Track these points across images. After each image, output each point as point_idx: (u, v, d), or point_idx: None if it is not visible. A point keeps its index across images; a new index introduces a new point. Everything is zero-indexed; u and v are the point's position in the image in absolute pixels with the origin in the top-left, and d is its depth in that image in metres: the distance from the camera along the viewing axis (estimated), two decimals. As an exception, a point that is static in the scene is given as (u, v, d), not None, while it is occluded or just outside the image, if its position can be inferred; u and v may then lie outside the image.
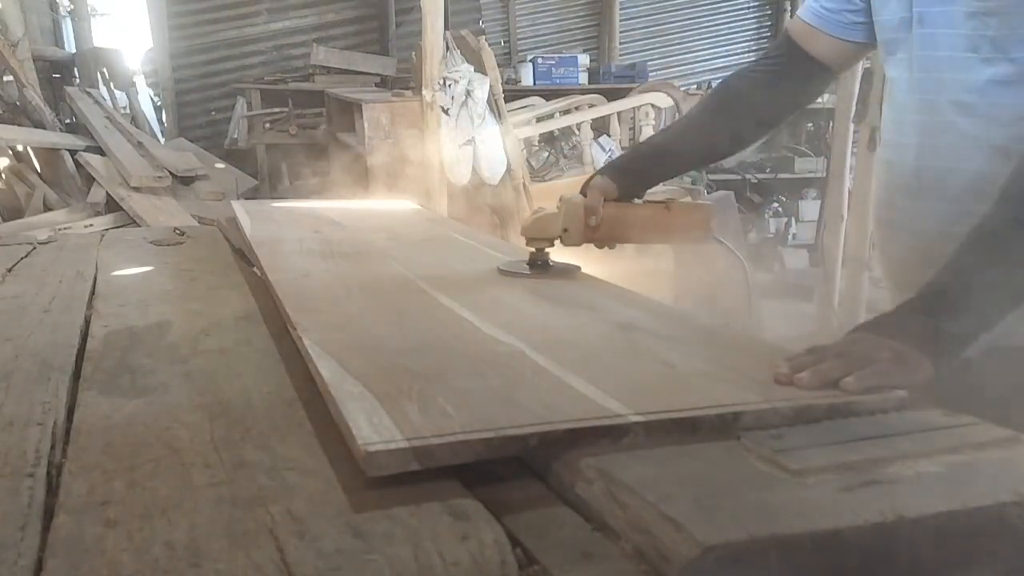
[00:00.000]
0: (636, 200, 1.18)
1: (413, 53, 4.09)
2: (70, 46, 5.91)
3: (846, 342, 0.79)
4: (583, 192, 1.15)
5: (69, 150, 4.40)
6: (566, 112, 4.30)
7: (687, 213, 1.17)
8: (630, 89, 4.97)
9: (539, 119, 4.29)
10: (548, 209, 1.16)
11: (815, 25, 1.14)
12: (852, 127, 3.62)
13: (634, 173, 1.18)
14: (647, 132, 4.25)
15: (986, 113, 0.97)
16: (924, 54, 1.01)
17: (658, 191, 1.21)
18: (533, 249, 1.18)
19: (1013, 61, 0.93)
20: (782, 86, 1.18)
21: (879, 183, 1.17)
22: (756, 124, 1.23)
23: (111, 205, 3.94)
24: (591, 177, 1.16)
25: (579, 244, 1.14)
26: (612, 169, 1.19)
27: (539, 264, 1.18)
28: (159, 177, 4.08)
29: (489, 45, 3.75)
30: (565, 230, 1.13)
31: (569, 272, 1.19)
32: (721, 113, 1.21)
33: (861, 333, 0.80)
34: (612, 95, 4.69)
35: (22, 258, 1.49)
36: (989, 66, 0.95)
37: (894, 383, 0.73)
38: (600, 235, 1.14)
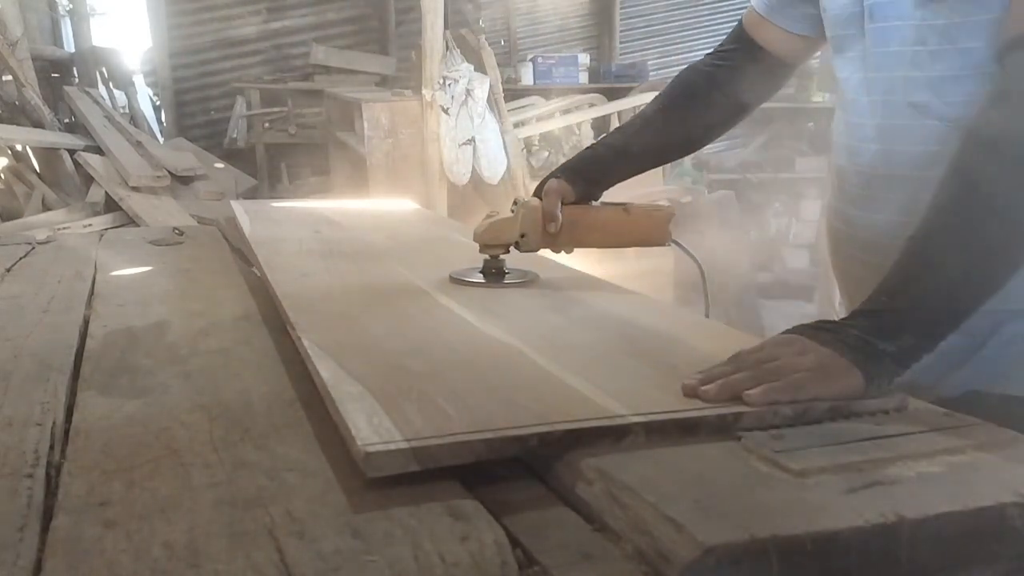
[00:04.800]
0: (593, 202, 1.13)
1: (413, 53, 4.09)
2: (69, 45, 5.90)
3: (771, 344, 0.76)
4: (537, 195, 1.10)
5: (68, 150, 4.40)
6: (566, 112, 4.30)
7: (647, 215, 1.13)
8: (630, 89, 4.97)
9: (539, 119, 4.29)
10: (502, 212, 1.11)
11: (765, 15, 1.10)
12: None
13: (591, 175, 1.13)
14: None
15: (941, 114, 0.90)
16: (877, 51, 0.95)
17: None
18: (487, 256, 1.12)
19: (962, 52, 0.87)
20: (737, 81, 1.13)
21: (831, 190, 1.10)
22: (712, 123, 1.18)
23: (110, 205, 3.94)
24: (546, 179, 1.12)
25: (536, 250, 1.10)
26: (568, 171, 1.13)
27: (493, 272, 1.12)
28: (158, 177, 4.08)
29: (489, 45, 3.75)
30: (523, 235, 1.08)
31: (527, 281, 1.13)
32: (677, 111, 1.17)
33: (793, 335, 0.76)
34: (612, 95, 4.70)
35: (21, 258, 1.49)
36: (938, 60, 0.89)
37: (808, 396, 0.69)
38: (558, 240, 1.10)
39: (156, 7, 5.65)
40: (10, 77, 4.58)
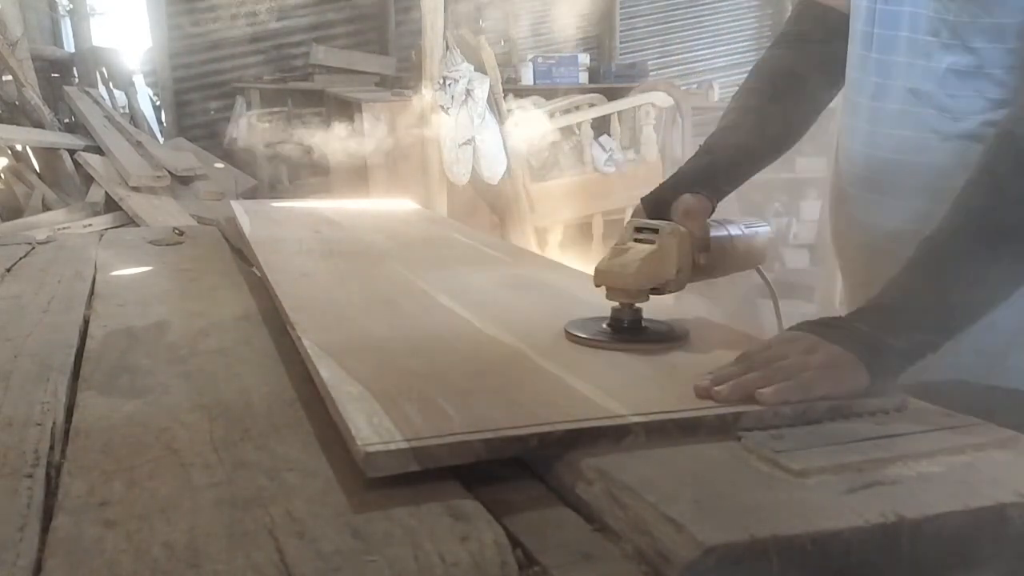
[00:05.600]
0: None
1: (413, 53, 4.09)
2: (69, 45, 5.90)
3: (779, 343, 0.75)
4: (658, 214, 0.91)
5: (68, 150, 4.41)
6: (566, 112, 4.30)
7: (757, 235, 0.99)
8: (630, 89, 4.97)
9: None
10: (631, 244, 0.87)
11: None
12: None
13: (720, 185, 0.96)
14: (647, 132, 4.25)
15: (942, 104, 0.91)
16: (884, 33, 0.94)
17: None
18: (616, 304, 0.87)
19: (972, 51, 0.88)
20: (823, 52, 1.04)
21: (835, 171, 1.08)
22: (819, 102, 1.08)
23: (110, 205, 3.94)
24: (660, 191, 0.93)
25: (683, 288, 0.89)
26: (700, 183, 0.94)
27: (627, 326, 0.87)
28: (158, 177, 4.08)
29: (489, 45, 3.76)
30: (678, 271, 0.86)
31: (684, 333, 0.88)
32: (787, 98, 1.05)
33: (801, 332, 0.76)
34: (612, 95, 4.69)
35: (21, 258, 1.48)
36: (949, 53, 0.89)
37: (819, 394, 0.69)
38: (704, 273, 0.90)
39: (156, 7, 5.65)
40: (10, 77, 4.58)
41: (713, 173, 0.97)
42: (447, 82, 3.43)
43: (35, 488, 0.60)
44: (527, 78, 5.63)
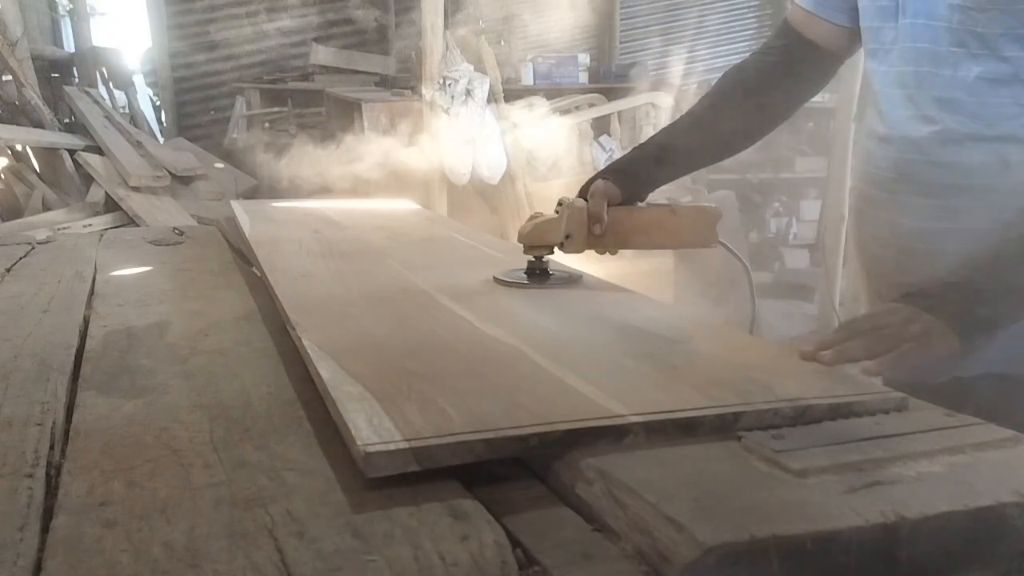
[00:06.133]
0: (639, 203, 1.13)
1: (413, 53, 4.09)
2: (69, 45, 5.90)
3: (881, 315, 0.84)
4: (582, 195, 1.10)
5: (68, 150, 4.41)
6: (566, 112, 4.30)
7: (693, 216, 1.13)
8: (630, 89, 4.97)
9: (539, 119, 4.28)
10: (546, 213, 1.12)
11: (811, 10, 1.10)
12: (853, 126, 3.62)
13: (638, 175, 1.13)
14: (647, 132, 4.25)
15: (973, 111, 0.93)
16: (908, 46, 0.97)
17: (663, 190, 1.18)
18: (531, 257, 1.13)
19: (1005, 60, 0.90)
20: (789, 76, 1.14)
21: (857, 172, 1.13)
22: (766, 118, 1.17)
23: (110, 205, 3.94)
24: (592, 179, 1.11)
25: (581, 251, 1.10)
26: (615, 172, 1.12)
27: (538, 273, 1.13)
28: (158, 177, 4.08)
29: (489, 45, 3.75)
30: (567, 236, 1.08)
31: (571, 281, 1.14)
32: (729, 108, 1.15)
33: (899, 304, 0.84)
34: (612, 95, 4.69)
35: (21, 258, 1.49)
36: (978, 63, 0.91)
37: (915, 363, 0.78)
38: (603, 241, 1.09)
39: (156, 7, 5.65)
40: (10, 77, 4.58)
41: (635, 165, 1.14)
42: (447, 82, 3.43)
43: (35, 488, 0.60)
44: (527, 78, 5.63)
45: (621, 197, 1.10)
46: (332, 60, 5.62)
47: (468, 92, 3.45)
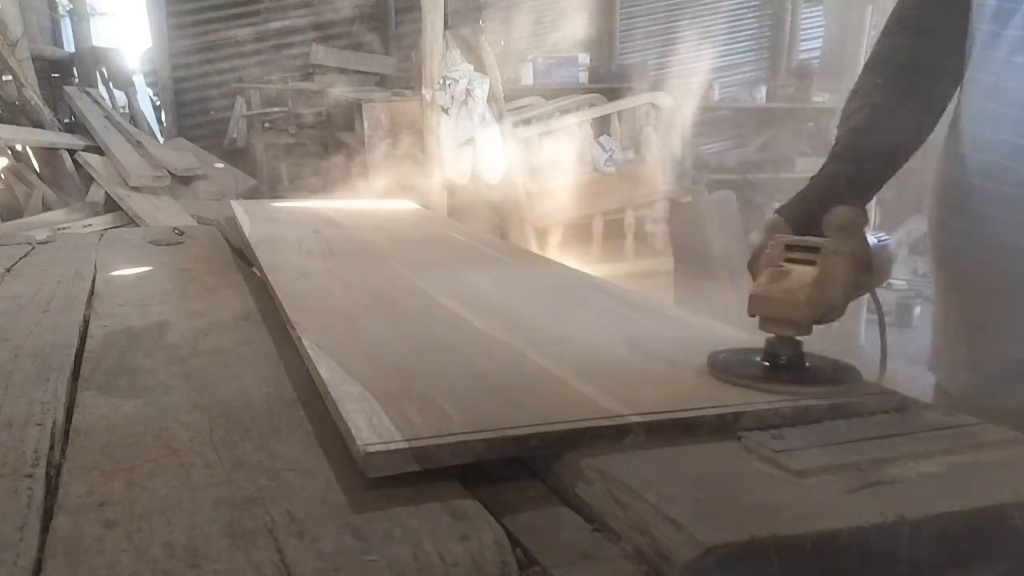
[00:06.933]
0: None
1: (413, 53, 4.09)
2: (69, 45, 5.91)
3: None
4: (806, 230, 0.81)
5: (68, 150, 4.41)
6: (566, 112, 4.30)
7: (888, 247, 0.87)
8: (630, 89, 4.97)
9: (539, 119, 4.29)
10: (786, 265, 0.75)
11: None
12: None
13: (865, 192, 0.89)
14: (648, 132, 4.25)
15: None
16: (1018, 60, 0.84)
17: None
18: (772, 336, 0.76)
19: None
20: (943, 42, 0.95)
21: (950, 185, 0.97)
22: (941, 97, 0.98)
23: (110, 205, 3.94)
24: (823, 206, 0.82)
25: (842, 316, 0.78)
26: (853, 193, 0.85)
27: (784, 362, 0.75)
28: (158, 177, 4.08)
29: (489, 45, 3.76)
30: (845, 296, 0.76)
31: (854, 373, 0.76)
32: (909, 95, 0.96)
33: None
34: (612, 95, 4.69)
35: (21, 258, 1.49)
36: None
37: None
38: (858, 293, 0.81)
39: (156, 7, 5.65)
40: (10, 77, 4.58)
41: (861, 180, 0.88)
42: (447, 82, 3.43)
43: (35, 488, 0.60)
44: (527, 78, 5.63)
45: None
46: (332, 60, 5.62)
47: (468, 92, 3.45)
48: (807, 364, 0.75)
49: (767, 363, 0.75)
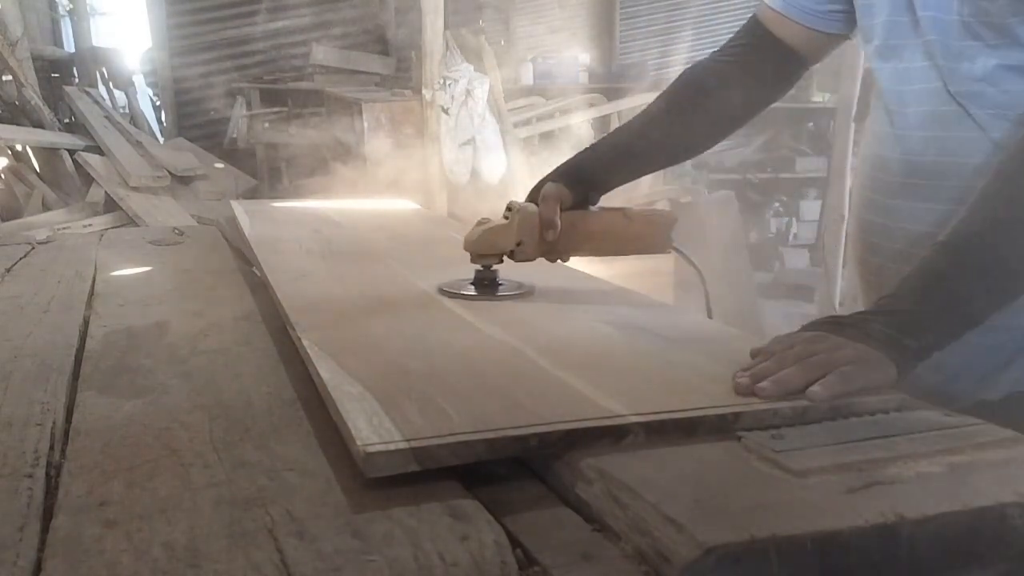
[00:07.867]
0: (591, 207, 1.06)
1: (413, 53, 4.09)
2: (69, 45, 5.90)
3: (805, 342, 0.75)
4: (533, 199, 1.03)
5: (68, 150, 4.41)
6: (566, 112, 4.30)
7: (647, 221, 1.08)
8: (630, 89, 4.97)
9: (539, 119, 4.29)
10: (494, 219, 1.04)
11: (783, 12, 1.04)
12: (853, 126, 3.63)
13: (590, 178, 1.06)
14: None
15: (997, 102, 0.88)
16: (926, 40, 0.91)
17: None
18: (479, 266, 1.05)
19: (1022, 45, 0.85)
20: (751, 77, 1.08)
21: (863, 181, 1.06)
22: (725, 121, 1.11)
23: (110, 205, 3.95)
24: (542, 182, 1.04)
25: (533, 259, 1.03)
26: (566, 175, 1.05)
27: (486, 283, 1.05)
28: (158, 177, 4.08)
29: (489, 45, 3.76)
30: (519, 243, 1.01)
31: (522, 293, 1.06)
32: (687, 110, 1.09)
33: (821, 332, 0.76)
34: (612, 95, 4.69)
35: (21, 258, 1.49)
36: (995, 53, 0.87)
37: (858, 386, 0.70)
38: (555, 248, 1.03)
39: (156, 7, 5.65)
40: (10, 77, 4.58)
41: (587, 167, 1.08)
42: (447, 82, 3.43)
43: (35, 488, 0.60)
44: (527, 78, 5.63)
45: (572, 201, 1.03)
46: (332, 60, 5.62)
47: (468, 92, 3.45)
48: (499, 284, 1.06)
49: (473, 284, 1.06)
